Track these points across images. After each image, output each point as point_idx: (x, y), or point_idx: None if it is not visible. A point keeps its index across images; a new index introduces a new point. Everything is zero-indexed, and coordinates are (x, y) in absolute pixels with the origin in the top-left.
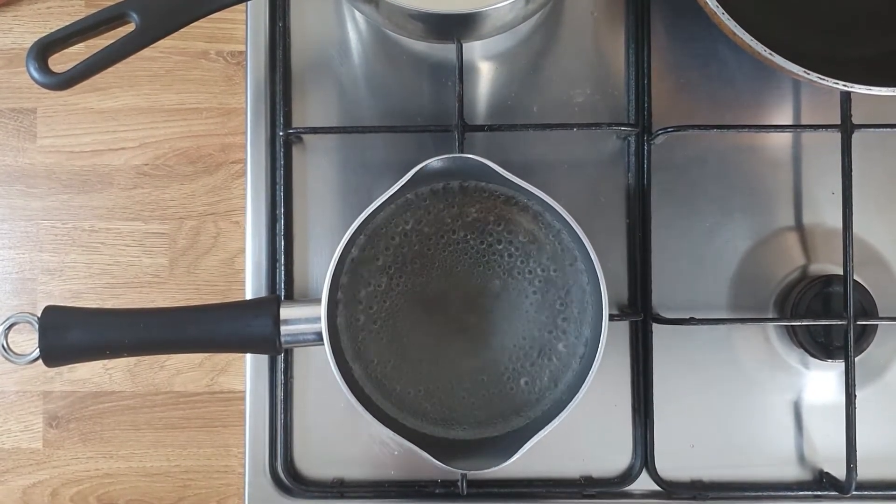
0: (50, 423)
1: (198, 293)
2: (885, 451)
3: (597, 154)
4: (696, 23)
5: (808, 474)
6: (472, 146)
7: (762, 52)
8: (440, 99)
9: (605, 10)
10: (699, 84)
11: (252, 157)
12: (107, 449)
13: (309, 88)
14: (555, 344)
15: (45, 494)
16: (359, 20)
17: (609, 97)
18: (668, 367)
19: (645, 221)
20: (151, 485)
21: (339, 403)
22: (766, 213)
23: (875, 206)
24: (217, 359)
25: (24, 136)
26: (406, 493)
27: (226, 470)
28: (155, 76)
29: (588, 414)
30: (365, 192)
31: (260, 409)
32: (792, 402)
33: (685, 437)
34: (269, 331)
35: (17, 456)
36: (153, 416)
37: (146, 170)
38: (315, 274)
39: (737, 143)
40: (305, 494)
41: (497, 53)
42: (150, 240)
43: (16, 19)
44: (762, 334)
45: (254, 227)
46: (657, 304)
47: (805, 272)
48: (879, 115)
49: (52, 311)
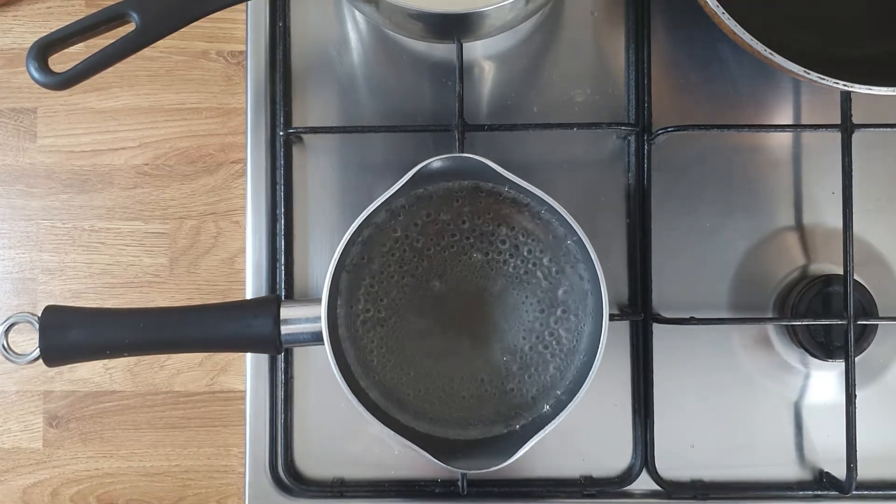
0: (50, 422)
1: (198, 293)
2: (886, 450)
3: (597, 154)
4: (697, 22)
5: (809, 474)
6: (472, 146)
7: (762, 51)
8: (440, 99)
9: (606, 9)
10: (699, 84)
11: (252, 156)
12: (107, 448)
13: (309, 88)
14: (555, 344)
15: (45, 494)
16: (359, 20)
17: (609, 97)
18: (668, 366)
19: (645, 221)
20: (151, 484)
21: (340, 403)
22: (766, 213)
23: (875, 206)
24: (217, 358)
25: (24, 136)
26: (406, 493)
27: (226, 469)
28: (155, 76)
29: (588, 414)
30: (365, 192)
31: (260, 409)
32: (792, 401)
33: (685, 437)
34: (270, 330)
35: (17, 455)
36: (153, 416)
37: (146, 169)
38: (315, 273)
39: (737, 143)
40: (306, 494)
41: (497, 53)
42: (151, 239)
43: (16, 19)
44: (762, 334)
45: (254, 227)
46: (657, 303)
47: (805, 272)
48: (880, 114)
49: (53, 311)
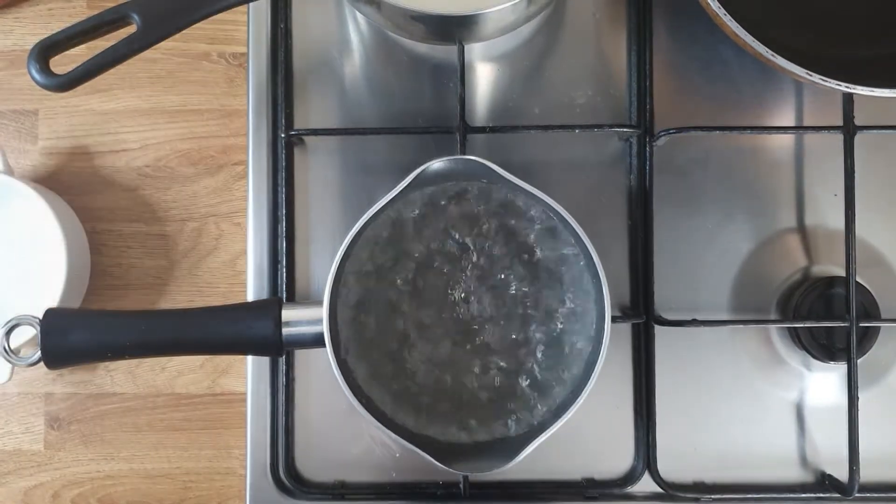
0: (51, 424)
1: (199, 295)
2: (888, 452)
3: (598, 155)
4: (698, 24)
5: (811, 476)
6: (473, 148)
7: (764, 53)
8: (442, 100)
9: (607, 11)
10: (701, 85)
11: (254, 158)
12: (108, 451)
13: (310, 90)
14: (556, 346)
15: (47, 496)
16: (360, 21)
17: (611, 98)
18: (670, 368)
19: (647, 223)
20: (152, 486)
21: (341, 405)
22: (768, 215)
23: (877, 208)
24: (218, 360)
25: (26, 138)
26: (407, 496)
27: (227, 472)
28: (156, 78)
29: (590, 416)
30: (366, 194)
31: (261, 411)
32: (794, 403)
33: (687, 439)
34: (271, 333)
35: (19, 458)
36: (154, 418)
37: (148, 171)
38: (317, 276)
39: (739, 145)
40: (307, 496)
41: (499, 55)
42: (152, 241)
43: (17, 21)
44: (764, 336)
45: (255, 229)
46: (659, 305)
47: (807, 274)
48: (882, 116)
49: (54, 314)
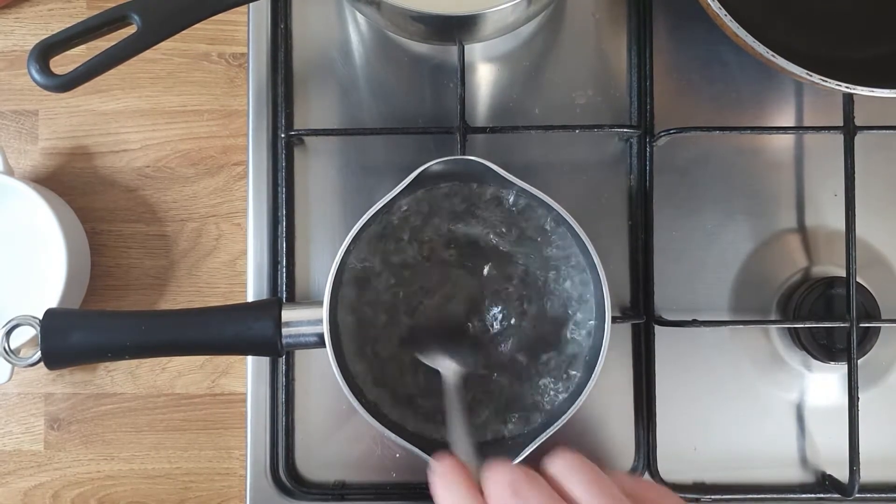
0: (51, 425)
1: (199, 295)
2: (888, 453)
3: (599, 156)
4: (699, 24)
5: (811, 476)
6: (473, 148)
7: (764, 53)
8: (442, 101)
9: (607, 11)
10: (701, 86)
11: (254, 159)
12: (108, 451)
13: (310, 90)
14: (557, 347)
15: (47, 497)
16: (360, 22)
17: (611, 99)
18: (670, 369)
19: (647, 223)
20: (153, 487)
21: (341, 406)
22: (768, 215)
23: (878, 208)
24: (218, 361)
25: (26, 139)
26: (407, 496)
27: (227, 472)
28: (156, 78)
29: (590, 416)
30: (366, 194)
31: (261, 412)
32: (794, 404)
33: (687, 439)
34: (271, 333)
35: (19, 458)
36: (154, 419)
37: (148, 171)
38: (317, 276)
39: (739, 145)
40: (307, 497)
41: (499, 55)
42: (152, 242)
43: (17, 21)
44: (764, 336)
45: (255, 230)
46: (659, 306)
47: (807, 274)
48: (882, 116)
49: (54, 314)
